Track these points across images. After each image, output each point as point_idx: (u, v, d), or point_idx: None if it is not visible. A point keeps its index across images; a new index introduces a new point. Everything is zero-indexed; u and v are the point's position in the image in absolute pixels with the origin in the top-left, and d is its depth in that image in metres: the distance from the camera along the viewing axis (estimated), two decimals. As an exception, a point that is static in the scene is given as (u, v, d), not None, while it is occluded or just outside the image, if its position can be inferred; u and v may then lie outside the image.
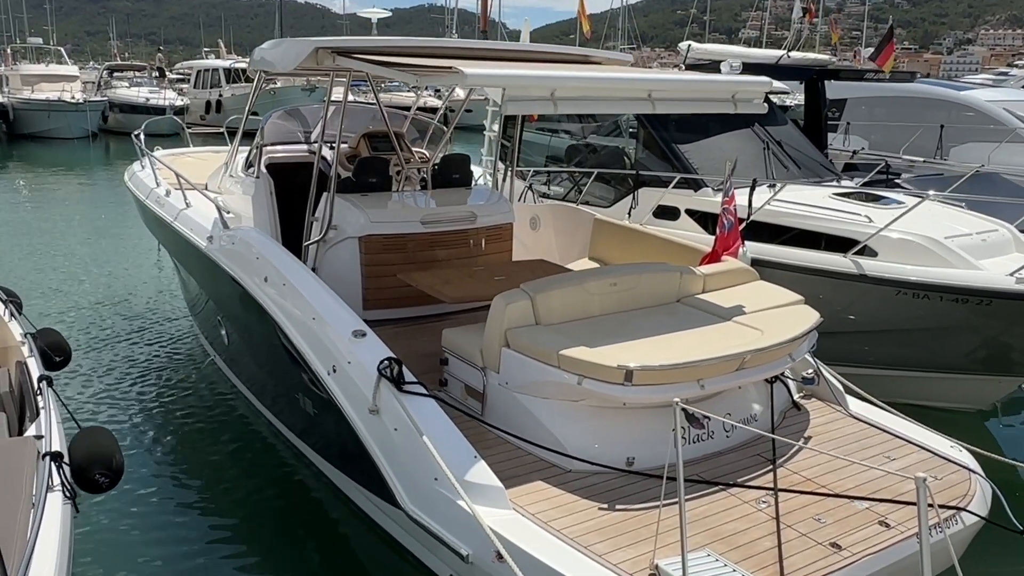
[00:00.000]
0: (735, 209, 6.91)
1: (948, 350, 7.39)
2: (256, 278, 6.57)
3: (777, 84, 10.62)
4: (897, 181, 11.44)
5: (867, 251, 7.56)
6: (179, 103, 35.76)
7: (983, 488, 5.21)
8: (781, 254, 7.85)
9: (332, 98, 7.48)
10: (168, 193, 9.05)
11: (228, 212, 8.83)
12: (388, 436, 5.10)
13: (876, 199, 8.50)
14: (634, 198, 9.20)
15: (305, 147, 8.90)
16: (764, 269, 7.77)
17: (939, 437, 5.66)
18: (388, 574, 5.81)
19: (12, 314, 6.79)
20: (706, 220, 8.64)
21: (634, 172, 9.34)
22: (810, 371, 6.27)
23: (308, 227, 7.69)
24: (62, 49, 40.79)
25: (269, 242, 6.80)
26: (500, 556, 4.22)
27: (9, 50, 40.30)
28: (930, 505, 4.79)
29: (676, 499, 4.80)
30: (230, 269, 6.97)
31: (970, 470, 5.32)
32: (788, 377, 6.23)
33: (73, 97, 33.48)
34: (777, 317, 5.79)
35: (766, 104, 6.19)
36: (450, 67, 5.03)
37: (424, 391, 5.09)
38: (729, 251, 6.85)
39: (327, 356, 5.65)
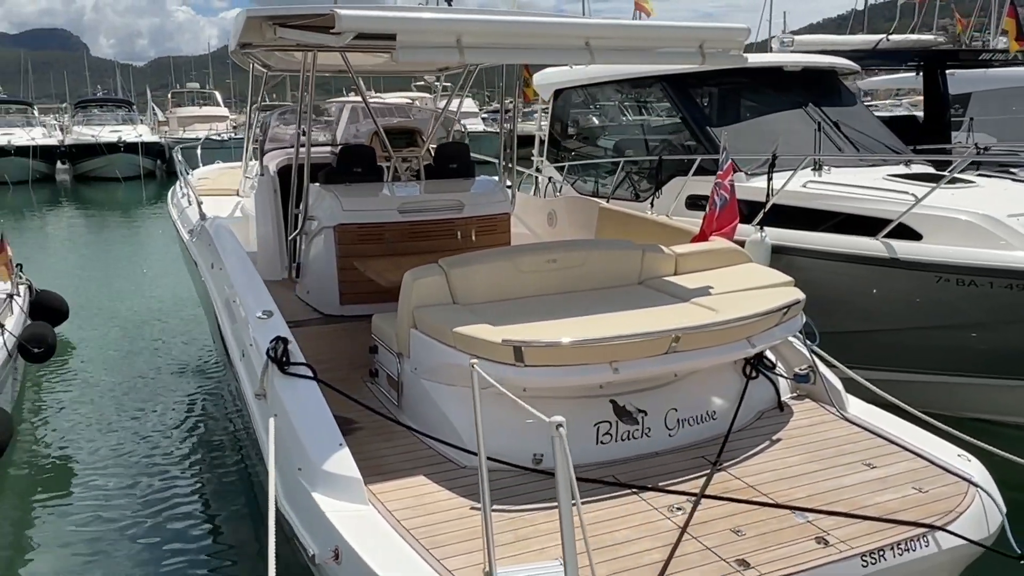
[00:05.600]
0: (731, 186, 6.02)
1: (1002, 349, 6.11)
2: (207, 265, 6.32)
3: (843, 61, 9.47)
4: (1014, 171, 9.87)
5: (910, 234, 6.41)
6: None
7: (985, 505, 4.12)
8: (804, 239, 6.81)
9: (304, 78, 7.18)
10: (190, 202, 9.08)
11: (238, 214, 8.78)
12: (271, 423, 4.62)
13: (937, 180, 7.27)
14: (657, 187, 8.36)
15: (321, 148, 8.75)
16: (788, 257, 6.80)
17: (947, 445, 4.58)
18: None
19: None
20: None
21: (656, 158, 8.50)
22: (804, 367, 5.29)
23: (292, 220, 7.44)
24: (216, 92, 43.64)
25: (222, 229, 6.54)
26: (337, 556, 3.65)
27: (170, 95, 43.56)
28: (896, 521, 3.87)
29: (585, 500, 4.09)
30: (196, 259, 6.80)
31: (972, 483, 4.22)
32: (778, 373, 5.29)
33: (219, 135, 35.56)
34: (748, 298, 4.89)
35: (745, 57, 5.30)
36: (327, 13, 4.55)
37: (309, 374, 4.57)
38: (721, 231, 5.95)
39: (241, 340, 5.27)
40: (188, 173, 10.61)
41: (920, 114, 14.55)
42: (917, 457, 4.49)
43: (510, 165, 8.25)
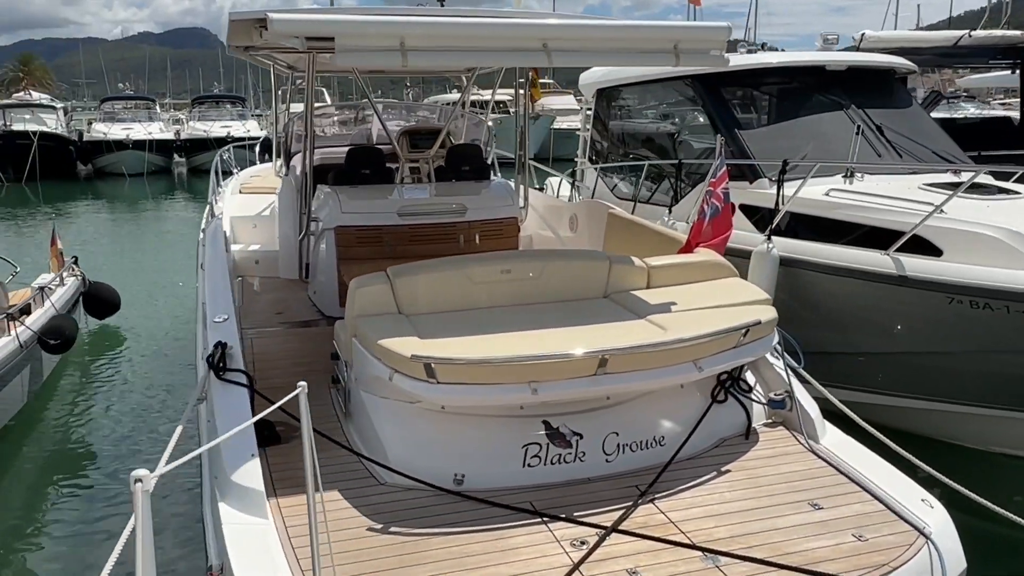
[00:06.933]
0: (723, 193, 5.65)
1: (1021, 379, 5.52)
2: (199, 266, 6.44)
3: (899, 60, 8.79)
4: None
5: (930, 249, 5.86)
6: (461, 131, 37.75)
7: (933, 559, 3.71)
8: (811, 251, 6.35)
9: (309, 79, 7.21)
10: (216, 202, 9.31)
11: (265, 212, 8.91)
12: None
13: (979, 190, 6.66)
14: (677, 192, 7.97)
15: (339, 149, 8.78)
16: (795, 270, 6.36)
17: (915, 488, 4.17)
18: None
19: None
20: (760, 216, 7.23)
21: (676, 162, 8.10)
22: (781, 392, 4.92)
23: (301, 221, 7.49)
24: (324, 90, 44.79)
25: (218, 231, 6.63)
26: (223, 570, 3.62)
27: (281, 92, 44.84)
28: (815, 572, 3.52)
29: (490, 527, 3.91)
30: (199, 258, 6.92)
31: (923, 533, 3.81)
32: (752, 397, 4.93)
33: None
34: (708, 317, 4.57)
35: (726, 58, 4.94)
36: (263, 17, 4.49)
37: (243, 381, 4.54)
38: (711, 242, 5.59)
39: (204, 344, 5.32)
40: (236, 171, 10.89)
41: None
42: (874, 500, 4.10)
43: (530, 166, 8.08)
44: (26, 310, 8.15)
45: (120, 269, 14.63)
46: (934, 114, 13.55)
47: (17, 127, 32.36)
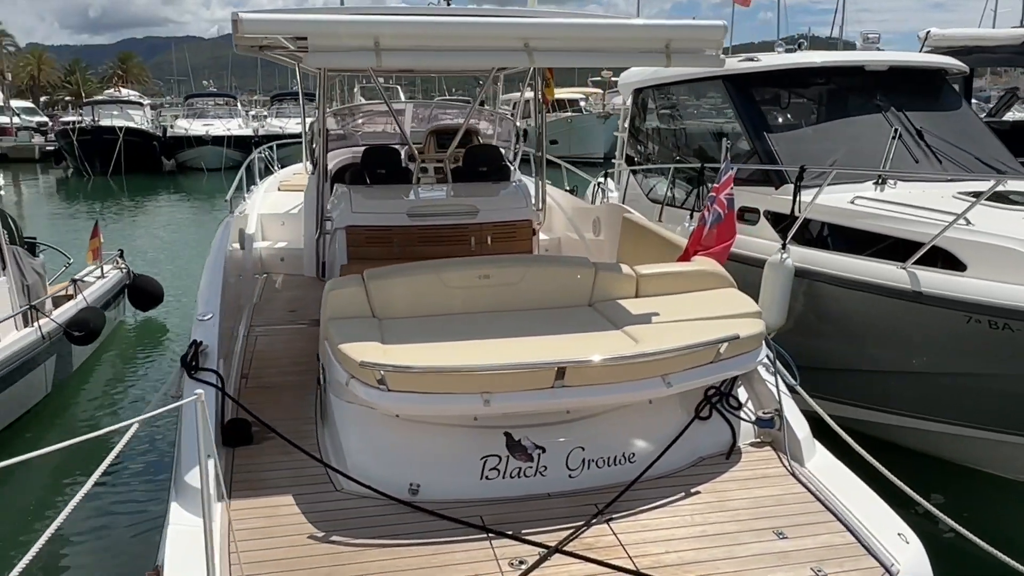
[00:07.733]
0: (727, 199, 5.39)
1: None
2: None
3: (949, 61, 8.29)
4: None
5: (953, 263, 5.48)
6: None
7: None
8: (825, 262, 6.01)
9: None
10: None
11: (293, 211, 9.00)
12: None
13: (1020, 199, 6.21)
14: (699, 196, 7.68)
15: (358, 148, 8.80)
16: (808, 282, 6.05)
17: (895, 521, 3.89)
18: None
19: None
20: (783, 223, 6.90)
21: (699, 166, 7.80)
22: (770, 410, 4.67)
23: (318, 220, 7.52)
24: (398, 87, 45.31)
25: (226, 230, 6.70)
26: (160, 572, 3.62)
27: (356, 89, 45.72)
28: None
29: (433, 540, 3.80)
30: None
31: (889, 571, 3.54)
32: (739, 415, 4.69)
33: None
34: (688, 329, 4.36)
35: (722, 58, 4.71)
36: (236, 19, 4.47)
37: (213, 380, 4.54)
38: (711, 250, 5.34)
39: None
40: (276, 169, 11.04)
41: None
42: (845, 531, 3.84)
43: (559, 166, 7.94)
44: (69, 299, 8.40)
45: (176, 260, 15.01)
46: (1007, 116, 12.84)
47: (104, 123, 33.69)
